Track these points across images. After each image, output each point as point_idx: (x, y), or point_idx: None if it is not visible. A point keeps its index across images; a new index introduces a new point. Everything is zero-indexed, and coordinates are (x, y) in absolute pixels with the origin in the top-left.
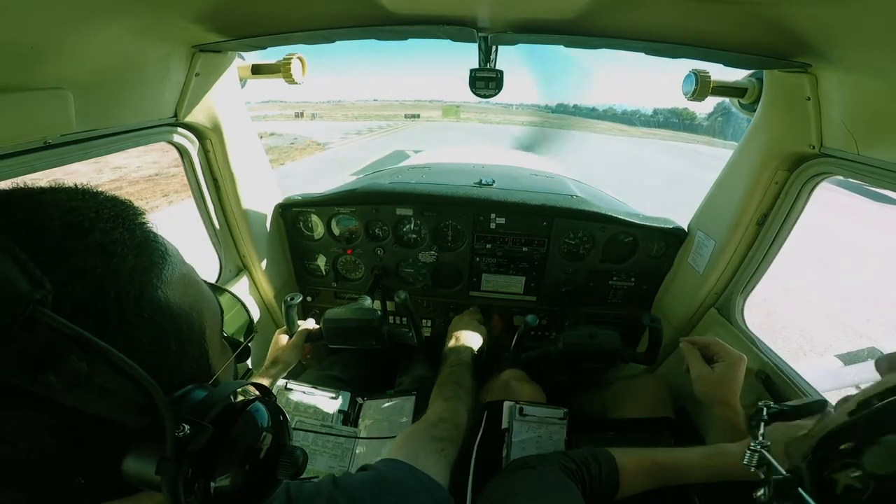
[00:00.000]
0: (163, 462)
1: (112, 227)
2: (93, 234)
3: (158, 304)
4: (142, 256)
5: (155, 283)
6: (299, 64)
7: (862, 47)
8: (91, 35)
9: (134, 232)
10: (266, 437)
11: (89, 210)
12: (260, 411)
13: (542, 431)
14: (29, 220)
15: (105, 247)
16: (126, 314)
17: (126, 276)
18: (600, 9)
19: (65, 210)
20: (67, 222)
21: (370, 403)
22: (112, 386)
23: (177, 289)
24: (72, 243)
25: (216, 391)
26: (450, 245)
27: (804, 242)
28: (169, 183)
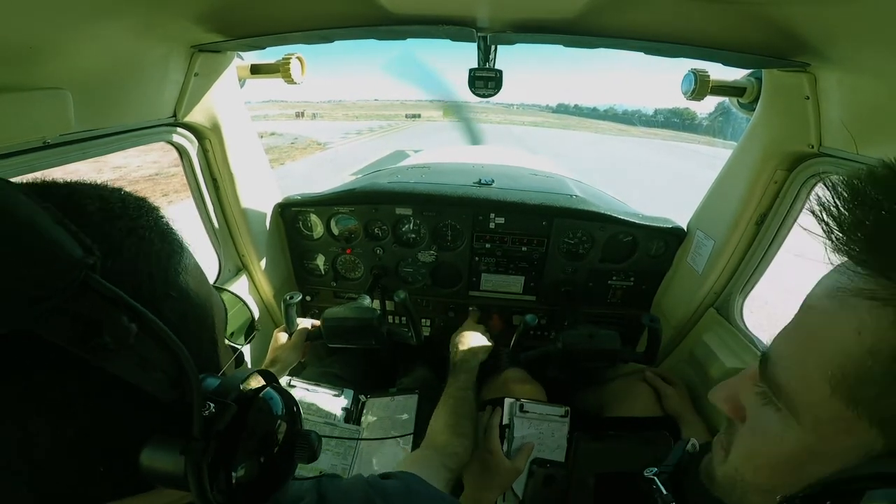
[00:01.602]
0: (191, 441)
1: (139, 215)
2: (123, 218)
3: (182, 288)
4: (166, 243)
5: (178, 268)
6: (298, 64)
7: (861, 47)
8: (90, 35)
9: (158, 220)
10: (281, 422)
11: (117, 199)
12: (273, 397)
13: (544, 428)
14: (68, 202)
15: (135, 230)
16: (158, 292)
17: (154, 258)
18: (599, 9)
19: (96, 197)
20: (101, 207)
21: (373, 401)
22: (152, 356)
23: (194, 278)
24: (107, 224)
25: (229, 378)
26: (449, 245)
27: (806, 243)
28: (169, 183)
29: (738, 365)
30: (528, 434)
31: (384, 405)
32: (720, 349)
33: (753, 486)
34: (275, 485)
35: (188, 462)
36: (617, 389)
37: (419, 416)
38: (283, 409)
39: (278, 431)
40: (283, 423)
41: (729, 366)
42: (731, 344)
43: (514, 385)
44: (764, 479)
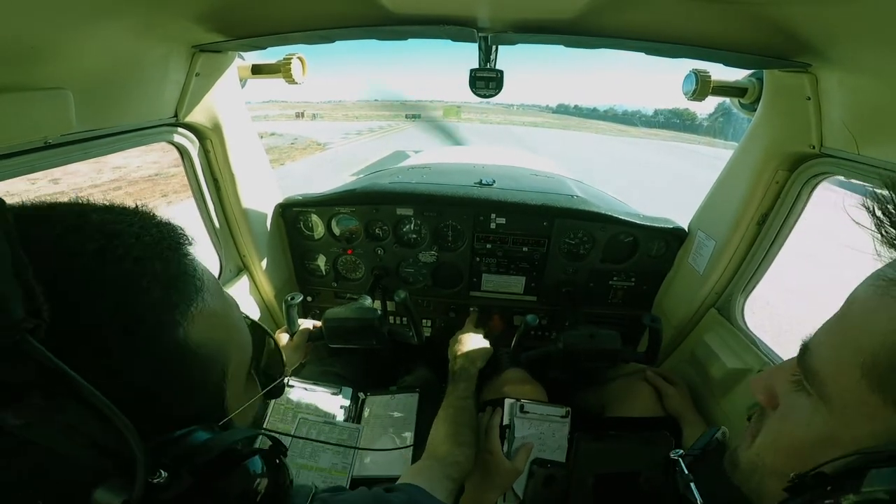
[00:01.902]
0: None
1: (147, 257)
2: (124, 262)
3: (173, 343)
4: (170, 291)
5: (178, 320)
6: (299, 64)
7: (862, 47)
8: (91, 35)
9: (169, 264)
10: (257, 496)
11: (130, 236)
12: (257, 466)
13: (545, 428)
14: (65, 238)
15: (132, 277)
16: (129, 349)
17: (144, 310)
18: (600, 9)
19: (105, 234)
20: (102, 247)
21: (372, 399)
22: (84, 426)
23: (201, 328)
24: (99, 271)
25: (219, 437)
26: (450, 245)
27: (809, 244)
28: (168, 183)
29: (739, 365)
30: (529, 434)
31: (384, 403)
32: (721, 349)
33: (771, 469)
34: None
35: None
36: (618, 389)
37: (419, 415)
38: (263, 482)
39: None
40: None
41: (730, 366)
42: (733, 344)
43: (515, 385)
44: (782, 463)
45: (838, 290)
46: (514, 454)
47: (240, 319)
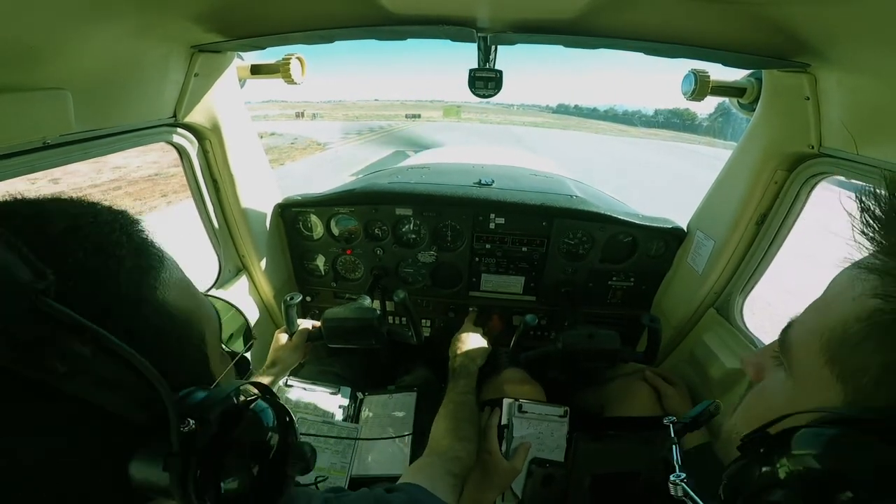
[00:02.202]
0: (169, 457)
1: (110, 231)
2: (91, 237)
3: (157, 305)
4: (140, 259)
5: (153, 284)
6: (298, 64)
7: (861, 47)
8: (90, 35)
9: (132, 237)
10: (273, 434)
11: (88, 216)
12: (264, 409)
13: (543, 428)
14: (30, 224)
15: (103, 248)
16: (126, 310)
17: (125, 275)
18: (600, 9)
19: (64, 216)
20: (67, 227)
21: (371, 399)
22: (115, 377)
23: (174, 293)
24: (72, 244)
25: (216, 391)
26: (449, 245)
27: (809, 244)
28: (168, 183)
29: (738, 365)
30: (527, 434)
31: (382, 402)
32: (720, 349)
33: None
34: (269, 497)
35: (171, 477)
36: (617, 389)
37: (418, 414)
38: (274, 421)
39: (269, 444)
40: (274, 435)
41: (729, 366)
42: (732, 344)
43: (513, 385)
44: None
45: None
46: (512, 454)
47: (202, 294)
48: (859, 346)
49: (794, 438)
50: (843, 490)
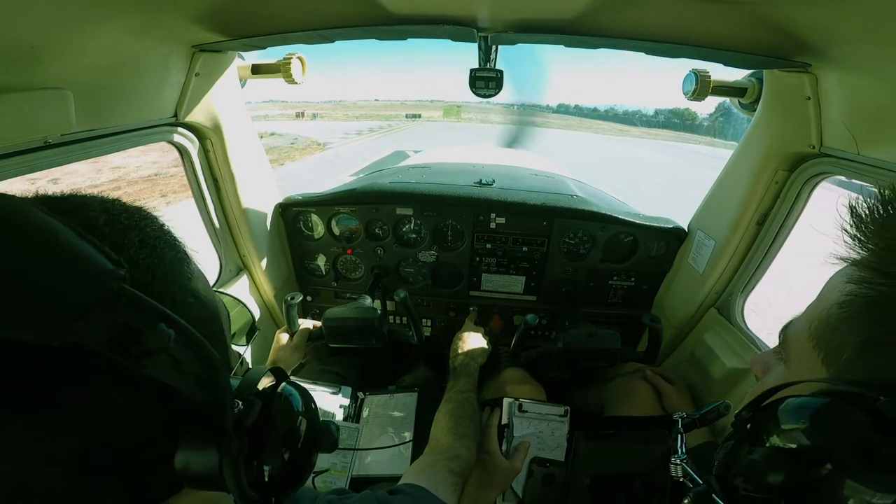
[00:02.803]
0: (224, 439)
1: (144, 225)
2: (133, 229)
3: (195, 293)
4: (174, 251)
5: (188, 274)
6: (299, 64)
7: (862, 47)
8: (91, 35)
9: (162, 228)
10: (301, 416)
11: (120, 210)
12: (292, 392)
13: (544, 427)
14: (78, 215)
15: (146, 240)
16: (177, 298)
17: (168, 265)
18: (600, 9)
19: (101, 210)
20: (108, 220)
21: (371, 398)
22: (186, 359)
23: (201, 283)
24: (120, 237)
25: (247, 376)
26: (450, 245)
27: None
28: (167, 183)
29: (739, 365)
30: (528, 434)
31: (383, 402)
32: (721, 349)
33: None
34: (301, 476)
35: (224, 458)
36: (617, 389)
37: (419, 414)
38: (301, 403)
39: (300, 425)
40: (303, 416)
41: (730, 366)
42: (733, 344)
43: (513, 385)
44: None
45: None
46: (512, 453)
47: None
48: (838, 328)
49: (779, 409)
50: (821, 453)
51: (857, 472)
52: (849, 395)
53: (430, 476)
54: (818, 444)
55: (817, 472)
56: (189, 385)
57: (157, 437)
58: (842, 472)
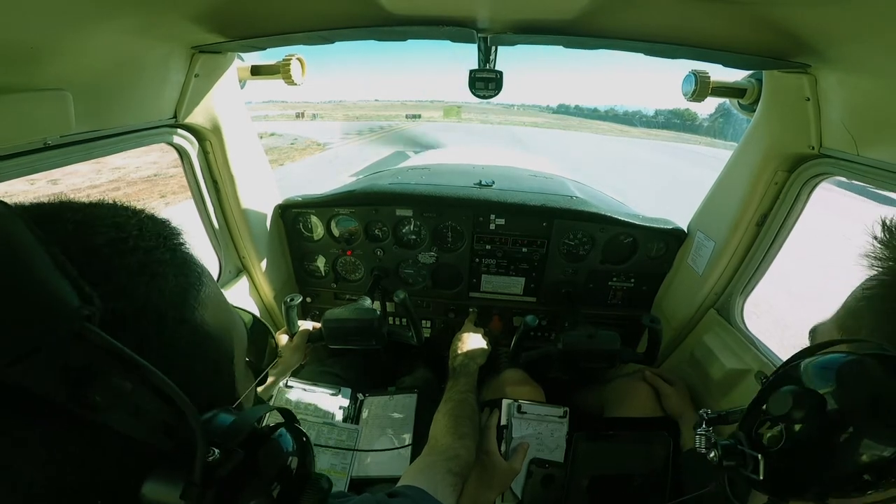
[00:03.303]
0: (189, 486)
1: (154, 247)
2: (137, 252)
3: (195, 326)
4: (181, 277)
5: (193, 304)
6: (298, 65)
7: (862, 47)
8: (91, 36)
9: (175, 252)
10: (292, 464)
11: (133, 227)
12: (286, 438)
13: (543, 429)
14: (77, 235)
15: (148, 265)
16: (165, 334)
17: (167, 296)
18: (600, 9)
19: (110, 226)
20: (112, 239)
21: (371, 400)
22: (149, 406)
23: (211, 311)
24: (117, 261)
25: (243, 416)
26: (449, 246)
27: (816, 247)
28: (167, 184)
29: (738, 366)
30: (527, 435)
31: (382, 404)
32: (721, 350)
33: None
34: None
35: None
36: (617, 390)
37: (418, 415)
38: (294, 449)
39: (288, 475)
40: (294, 463)
41: (729, 367)
42: (732, 345)
43: (513, 386)
44: None
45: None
46: (510, 454)
47: (232, 307)
48: (857, 311)
49: (800, 368)
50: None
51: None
52: (865, 352)
53: (429, 477)
54: (836, 394)
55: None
56: (149, 433)
57: (115, 478)
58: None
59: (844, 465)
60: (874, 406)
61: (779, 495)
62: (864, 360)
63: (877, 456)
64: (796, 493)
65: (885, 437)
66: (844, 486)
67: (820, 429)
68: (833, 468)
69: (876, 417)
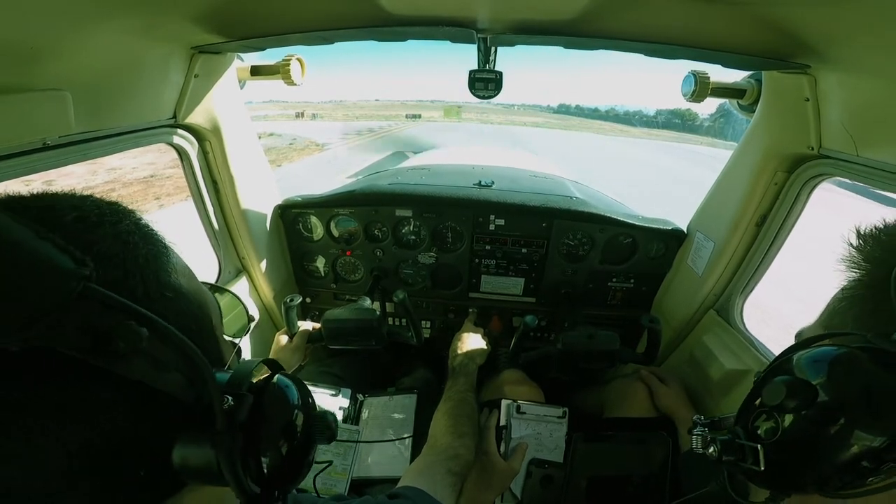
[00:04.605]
0: (218, 435)
1: (118, 220)
2: (103, 226)
3: (175, 288)
4: (150, 245)
5: (167, 268)
6: (298, 65)
7: (861, 48)
8: (90, 36)
9: (138, 224)
10: (298, 407)
11: (92, 207)
12: (287, 384)
13: (542, 429)
14: (44, 216)
15: (118, 236)
16: (153, 294)
17: (143, 260)
18: (599, 10)
19: (71, 208)
20: (78, 217)
21: (371, 401)
22: (164, 357)
23: (184, 276)
24: (90, 234)
25: (238, 370)
26: (449, 246)
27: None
28: (163, 185)
29: (738, 366)
30: (526, 435)
31: (382, 404)
32: (720, 351)
33: None
34: (301, 467)
35: (219, 455)
36: (616, 390)
37: (418, 416)
38: (297, 395)
39: (296, 416)
40: (299, 408)
41: (729, 367)
42: (732, 345)
43: (512, 386)
44: None
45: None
46: (510, 454)
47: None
48: (839, 309)
49: (792, 362)
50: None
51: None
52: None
53: (429, 477)
54: (827, 384)
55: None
56: (171, 384)
57: (147, 435)
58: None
59: (840, 453)
60: (865, 395)
61: (779, 488)
62: (853, 352)
63: (869, 443)
64: (797, 483)
65: (876, 425)
66: (843, 474)
67: (814, 417)
68: (829, 456)
69: (867, 406)
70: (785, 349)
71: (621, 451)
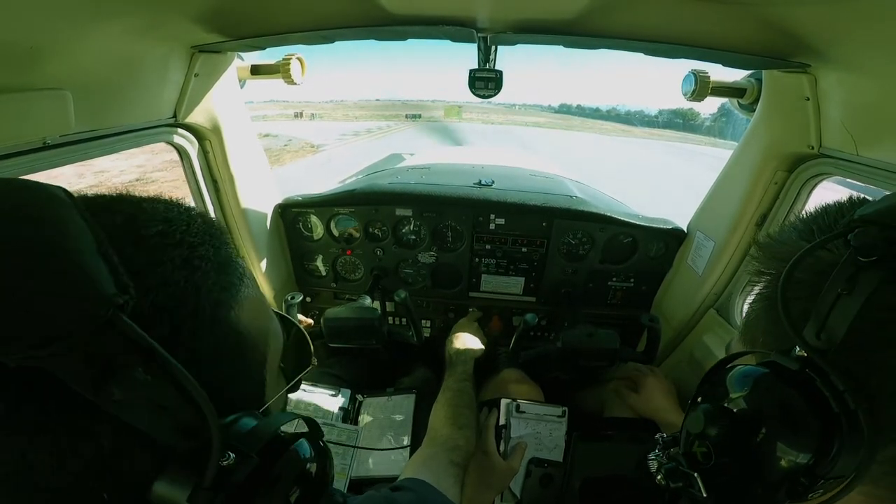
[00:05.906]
0: (198, 490)
1: (199, 243)
2: (181, 247)
3: (230, 325)
4: (222, 275)
5: (230, 303)
6: (298, 65)
7: (861, 47)
8: (90, 35)
9: (219, 250)
10: (308, 477)
11: (182, 223)
12: (304, 447)
13: (542, 428)
14: (128, 225)
15: (191, 261)
16: (199, 330)
17: (205, 292)
18: (600, 9)
19: (161, 220)
20: (161, 232)
21: (370, 401)
22: (170, 404)
23: (249, 312)
24: (161, 253)
25: (266, 422)
26: (449, 246)
27: None
28: (146, 189)
29: None
30: (525, 434)
31: (381, 405)
32: (720, 350)
33: None
34: None
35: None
36: (616, 389)
37: (416, 416)
38: (313, 461)
39: (303, 487)
40: (310, 475)
41: None
42: None
43: (511, 385)
44: None
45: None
46: (509, 454)
47: (272, 312)
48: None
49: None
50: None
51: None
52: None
53: (432, 468)
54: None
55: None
56: (165, 431)
57: (128, 469)
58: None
59: (771, 473)
60: (778, 413)
61: None
62: (758, 370)
63: (796, 459)
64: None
65: (795, 442)
66: (783, 494)
67: (736, 440)
68: (763, 477)
69: (782, 425)
70: (707, 371)
71: (621, 451)
